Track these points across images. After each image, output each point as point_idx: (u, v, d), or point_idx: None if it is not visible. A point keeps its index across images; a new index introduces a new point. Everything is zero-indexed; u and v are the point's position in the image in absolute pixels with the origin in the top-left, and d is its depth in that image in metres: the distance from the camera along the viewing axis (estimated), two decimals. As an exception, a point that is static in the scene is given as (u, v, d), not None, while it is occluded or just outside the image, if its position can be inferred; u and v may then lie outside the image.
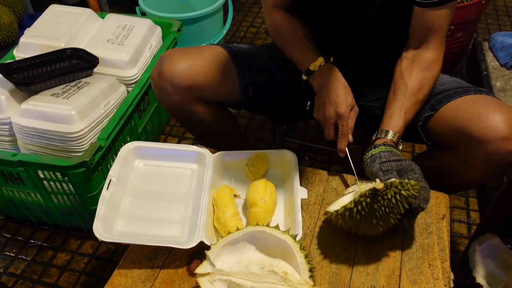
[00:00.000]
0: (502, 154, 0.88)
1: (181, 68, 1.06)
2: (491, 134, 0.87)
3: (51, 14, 1.59)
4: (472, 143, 0.91)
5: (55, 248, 1.42)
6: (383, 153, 0.92)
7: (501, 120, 0.88)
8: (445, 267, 0.88)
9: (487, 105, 0.92)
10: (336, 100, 0.99)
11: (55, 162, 1.17)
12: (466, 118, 0.92)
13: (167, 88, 1.08)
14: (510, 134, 0.87)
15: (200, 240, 0.88)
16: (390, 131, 0.97)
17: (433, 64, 1.00)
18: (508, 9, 2.48)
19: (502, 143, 0.87)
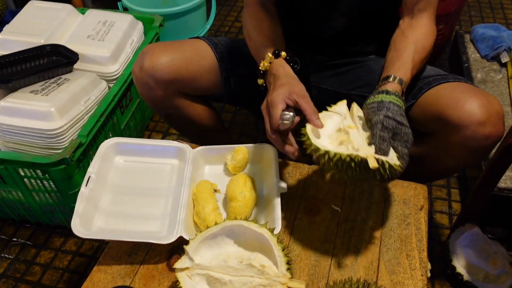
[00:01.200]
0: (478, 139, 0.90)
1: (163, 62, 1.06)
2: (467, 119, 0.89)
3: (30, 10, 1.57)
4: (449, 128, 0.92)
5: (38, 246, 1.41)
6: (392, 106, 0.84)
7: (477, 105, 0.89)
8: (422, 257, 0.89)
9: (464, 91, 0.93)
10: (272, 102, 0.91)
11: (35, 160, 1.16)
12: (444, 104, 0.93)
13: (149, 82, 1.08)
14: (486, 118, 0.89)
15: (179, 235, 0.88)
16: (402, 79, 0.90)
17: (432, 30, 0.99)
18: (490, 2, 2.50)
19: (478, 128, 0.89)
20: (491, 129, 0.89)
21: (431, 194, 1.51)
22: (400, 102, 0.86)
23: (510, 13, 2.40)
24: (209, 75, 1.12)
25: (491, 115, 0.89)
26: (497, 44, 1.64)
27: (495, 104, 0.91)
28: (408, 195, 1.01)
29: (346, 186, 1.03)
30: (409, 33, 0.98)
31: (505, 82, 1.57)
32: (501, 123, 0.91)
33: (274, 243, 0.79)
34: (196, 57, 1.11)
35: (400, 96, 0.87)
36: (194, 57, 1.10)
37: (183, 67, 1.08)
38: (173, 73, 1.07)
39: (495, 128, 0.90)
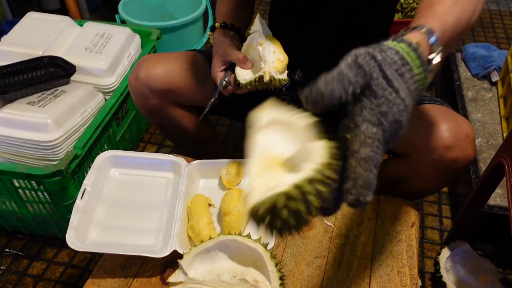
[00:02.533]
0: (445, 162, 0.91)
1: (158, 72, 1.08)
2: (434, 143, 0.90)
3: (28, 21, 1.59)
4: (419, 152, 0.93)
5: (31, 257, 1.40)
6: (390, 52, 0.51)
7: (444, 129, 0.90)
8: (413, 274, 0.90)
9: (434, 115, 0.94)
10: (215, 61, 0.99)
11: (30, 171, 1.17)
12: (412, 129, 0.91)
13: (144, 91, 1.10)
14: (452, 143, 0.89)
15: (173, 249, 0.88)
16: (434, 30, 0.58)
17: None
18: (482, 21, 2.56)
19: (445, 152, 0.90)
20: (458, 153, 0.90)
21: (422, 210, 1.53)
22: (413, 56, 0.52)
23: (500, 33, 2.45)
24: (203, 87, 1.14)
25: (458, 139, 0.90)
26: (488, 63, 1.68)
27: (464, 128, 0.91)
28: (399, 212, 1.02)
29: (339, 202, 1.05)
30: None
31: (495, 101, 1.60)
32: (470, 147, 0.91)
33: (268, 259, 0.80)
34: (191, 68, 1.13)
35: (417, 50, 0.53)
36: (189, 68, 1.12)
37: (178, 77, 1.10)
38: (168, 83, 1.09)
39: (463, 152, 0.90)
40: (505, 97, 1.57)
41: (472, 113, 1.55)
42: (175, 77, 1.10)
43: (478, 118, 1.53)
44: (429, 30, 0.58)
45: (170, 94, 1.11)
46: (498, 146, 1.24)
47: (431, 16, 0.61)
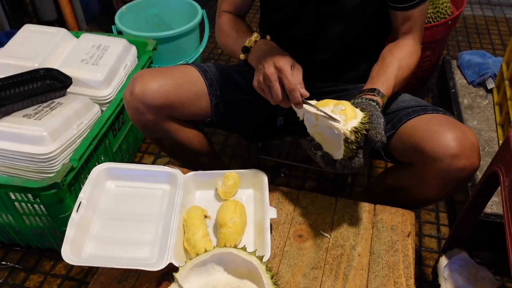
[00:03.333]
0: (453, 171, 0.92)
1: (153, 88, 1.08)
2: (442, 151, 0.91)
3: (25, 34, 1.59)
4: (425, 160, 0.94)
5: (28, 270, 1.40)
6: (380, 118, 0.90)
7: (451, 138, 0.91)
8: (409, 284, 0.90)
9: (440, 123, 0.95)
10: (274, 59, 0.94)
11: (26, 184, 1.17)
12: (420, 136, 0.95)
13: (139, 107, 1.09)
14: (459, 151, 0.90)
15: (169, 261, 0.88)
16: (385, 95, 0.97)
17: (416, 50, 1.07)
18: (478, 27, 2.57)
19: (452, 161, 0.90)
20: (465, 161, 0.91)
21: (420, 218, 1.52)
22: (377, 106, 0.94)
23: (496, 39, 2.47)
24: (198, 101, 1.15)
25: (465, 147, 0.91)
26: (483, 71, 1.69)
27: (470, 137, 0.93)
28: (395, 222, 1.02)
29: (335, 211, 1.05)
30: (395, 51, 1.05)
31: (491, 108, 1.61)
32: (476, 155, 0.93)
33: (263, 271, 0.80)
34: (186, 83, 1.13)
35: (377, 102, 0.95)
36: (184, 83, 1.12)
37: (173, 92, 1.10)
38: (163, 98, 1.09)
39: (469, 160, 0.91)
40: (500, 104, 1.57)
41: (468, 120, 1.56)
42: (170, 92, 1.10)
43: (474, 125, 1.54)
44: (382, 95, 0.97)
45: (165, 109, 1.10)
46: (494, 153, 1.24)
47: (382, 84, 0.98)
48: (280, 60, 0.93)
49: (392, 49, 1.06)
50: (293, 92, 0.91)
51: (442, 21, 1.66)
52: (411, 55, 1.05)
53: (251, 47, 1.04)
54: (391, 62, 1.02)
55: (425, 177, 0.96)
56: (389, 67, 1.01)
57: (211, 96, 1.15)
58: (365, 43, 1.12)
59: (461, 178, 0.93)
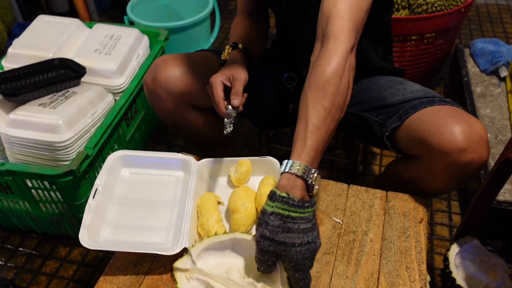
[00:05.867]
0: (460, 165, 0.90)
1: (176, 74, 1.09)
2: (448, 146, 0.89)
3: (39, 24, 1.61)
4: (432, 154, 0.93)
5: (44, 256, 1.43)
6: (273, 219, 0.73)
7: (458, 132, 0.89)
8: (421, 269, 0.91)
9: (446, 116, 0.93)
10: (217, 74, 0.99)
11: (42, 171, 1.19)
12: (426, 130, 0.93)
13: (161, 94, 1.10)
14: (466, 145, 0.88)
15: (184, 246, 0.90)
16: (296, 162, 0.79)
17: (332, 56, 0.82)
18: (490, 16, 2.54)
19: (459, 155, 0.89)
20: (473, 155, 0.89)
21: (431, 206, 1.53)
22: (287, 208, 0.73)
23: (509, 27, 2.44)
24: None
25: (473, 141, 0.89)
26: (496, 59, 1.67)
27: (477, 129, 0.90)
28: (408, 208, 1.03)
29: (347, 198, 1.06)
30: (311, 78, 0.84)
31: (504, 96, 1.59)
32: (484, 149, 0.91)
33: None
34: (208, 69, 1.13)
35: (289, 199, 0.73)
36: (204, 69, 1.13)
37: (195, 79, 1.11)
38: (185, 86, 1.09)
39: (477, 154, 0.89)
40: (514, 93, 1.56)
41: (481, 108, 1.55)
42: (193, 79, 1.10)
43: (486, 113, 1.53)
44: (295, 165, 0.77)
45: (187, 96, 1.11)
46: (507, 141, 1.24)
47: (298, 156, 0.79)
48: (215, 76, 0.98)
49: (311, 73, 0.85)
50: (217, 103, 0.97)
51: (455, 8, 1.64)
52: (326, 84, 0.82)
53: (226, 60, 1.07)
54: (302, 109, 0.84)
55: (433, 171, 0.95)
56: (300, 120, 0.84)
57: None
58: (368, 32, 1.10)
59: (469, 172, 0.92)
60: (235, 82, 0.99)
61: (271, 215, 0.73)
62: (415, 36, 1.65)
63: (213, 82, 0.98)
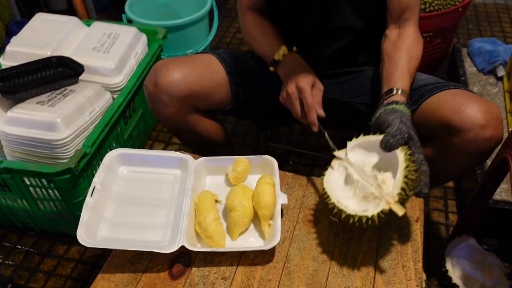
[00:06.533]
0: (480, 141, 0.94)
1: (177, 78, 1.07)
2: (470, 122, 0.94)
3: (37, 22, 1.61)
4: (453, 132, 0.96)
5: (42, 254, 1.43)
6: (405, 116, 0.90)
7: (478, 110, 0.94)
8: (417, 268, 0.91)
9: (466, 97, 0.98)
10: (297, 78, 1.03)
11: (40, 169, 1.19)
12: (447, 109, 0.98)
13: (163, 98, 1.08)
14: (487, 122, 0.93)
15: (181, 244, 0.90)
16: (405, 90, 0.98)
17: (418, 37, 1.07)
18: (488, 15, 2.55)
19: (480, 131, 0.93)
20: (492, 132, 0.94)
21: (428, 205, 1.53)
22: (409, 112, 0.93)
23: (507, 27, 2.44)
24: (220, 90, 1.15)
25: (492, 118, 0.94)
26: (493, 58, 1.68)
27: (494, 109, 0.96)
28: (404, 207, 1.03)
29: (344, 197, 1.06)
30: (400, 42, 1.05)
31: (501, 96, 1.60)
32: (501, 127, 0.96)
33: (401, 169, 0.85)
34: (209, 72, 1.13)
35: (407, 107, 0.94)
36: (206, 72, 1.12)
37: (197, 83, 1.10)
38: (187, 89, 1.08)
39: (496, 131, 0.95)
40: (510, 92, 1.57)
41: (478, 108, 1.55)
42: (195, 82, 1.09)
43: (483, 113, 1.53)
44: (402, 91, 0.97)
45: (189, 100, 1.10)
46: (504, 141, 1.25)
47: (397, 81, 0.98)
48: (302, 80, 1.02)
49: (396, 41, 1.06)
50: (309, 113, 1.02)
51: (452, 8, 1.65)
52: (416, 43, 1.06)
53: (279, 61, 1.09)
54: (399, 56, 1.02)
55: (451, 150, 0.99)
56: (399, 61, 1.02)
57: (232, 83, 1.16)
58: (375, 25, 1.12)
59: (487, 149, 0.96)
60: (317, 91, 1.03)
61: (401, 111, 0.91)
62: (413, 35, 1.65)
63: (302, 87, 1.01)
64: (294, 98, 1.03)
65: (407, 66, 1.01)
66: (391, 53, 1.05)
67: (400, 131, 0.86)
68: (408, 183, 0.84)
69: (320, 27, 1.12)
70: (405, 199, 0.85)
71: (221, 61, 1.16)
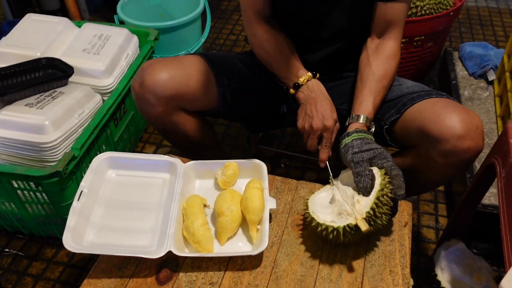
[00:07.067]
0: (458, 152, 0.93)
1: (163, 78, 1.08)
2: (447, 133, 0.93)
3: (27, 23, 1.60)
4: (431, 142, 0.96)
5: (30, 257, 1.42)
6: (355, 142, 0.95)
7: (457, 120, 0.93)
8: (405, 273, 0.91)
9: (445, 106, 0.98)
10: (324, 114, 1.03)
11: (28, 172, 1.18)
12: (425, 118, 0.97)
13: (149, 98, 1.09)
14: (465, 133, 0.92)
15: (168, 249, 0.90)
16: (362, 115, 1.01)
17: (395, 53, 1.08)
18: (481, 19, 2.56)
19: (458, 142, 0.92)
20: (470, 143, 0.93)
21: (418, 209, 1.53)
22: (362, 134, 0.97)
23: (499, 31, 2.45)
24: (207, 91, 1.15)
25: (470, 129, 0.93)
26: (484, 62, 1.69)
27: (474, 119, 0.95)
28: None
29: (333, 202, 1.06)
30: (373, 59, 1.07)
31: (491, 100, 1.61)
32: (480, 138, 0.95)
33: (375, 191, 0.88)
34: (195, 73, 1.13)
35: (361, 130, 0.98)
36: (193, 73, 1.13)
37: (184, 83, 1.10)
38: (173, 90, 1.09)
39: (474, 142, 0.94)
40: (501, 96, 1.57)
41: (468, 112, 1.56)
42: (181, 82, 1.10)
43: (474, 117, 1.54)
44: (364, 118, 1.02)
45: (175, 100, 1.11)
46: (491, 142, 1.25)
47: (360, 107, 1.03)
48: (329, 119, 1.03)
49: (370, 56, 1.08)
50: (325, 151, 1.04)
51: (444, 12, 1.65)
52: (391, 59, 1.07)
53: (302, 85, 1.09)
54: (367, 75, 1.06)
55: (431, 159, 0.98)
56: (366, 82, 1.05)
57: (219, 85, 1.16)
58: (365, 31, 1.12)
59: (466, 159, 0.95)
60: (336, 130, 1.06)
61: (352, 141, 0.96)
62: (404, 39, 1.66)
63: (329, 127, 1.03)
64: (317, 134, 1.04)
65: (373, 87, 1.04)
66: (362, 69, 1.08)
67: (359, 173, 0.91)
68: (378, 204, 0.88)
69: (313, 31, 1.12)
70: (375, 220, 0.88)
71: (208, 62, 1.16)
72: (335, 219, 0.91)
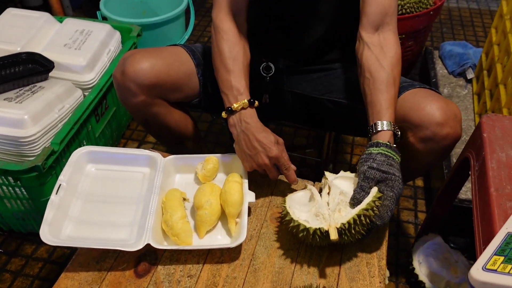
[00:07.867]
0: (437, 139, 0.97)
1: (144, 67, 1.08)
2: (427, 120, 0.96)
3: (7, 17, 1.58)
4: (411, 129, 0.99)
5: (9, 253, 1.41)
6: (379, 157, 0.90)
7: (436, 108, 0.97)
8: (381, 265, 0.93)
9: (426, 96, 1.01)
10: (264, 146, 0.99)
11: (6, 167, 1.17)
12: (407, 108, 1.00)
13: (130, 87, 1.09)
14: (444, 120, 0.96)
15: (147, 242, 0.90)
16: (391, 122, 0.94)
17: (398, 47, 1.02)
18: (462, 19, 2.60)
19: (437, 128, 0.96)
20: (449, 130, 0.97)
21: (398, 205, 1.56)
22: (390, 152, 0.91)
23: (480, 31, 2.50)
24: (188, 81, 1.15)
25: (449, 117, 0.97)
26: (463, 61, 1.72)
27: (453, 108, 0.99)
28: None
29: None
30: (382, 59, 0.99)
31: (470, 98, 1.64)
32: (459, 126, 0.99)
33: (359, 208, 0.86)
34: (177, 63, 1.13)
35: (392, 147, 0.92)
36: (174, 63, 1.13)
37: (165, 72, 1.10)
38: (155, 78, 1.08)
39: (453, 129, 0.97)
40: (479, 94, 1.60)
41: (447, 109, 1.58)
42: (162, 71, 1.10)
43: (453, 114, 1.56)
44: (388, 124, 0.93)
45: (157, 89, 1.10)
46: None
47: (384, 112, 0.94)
48: (272, 148, 0.99)
49: (379, 55, 0.99)
50: (289, 174, 1.02)
51: (424, 11, 1.68)
52: (398, 57, 1.01)
53: (235, 111, 1.03)
54: (384, 78, 0.97)
55: (411, 146, 1.01)
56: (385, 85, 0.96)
57: (200, 76, 1.16)
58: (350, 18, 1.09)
59: (445, 146, 0.99)
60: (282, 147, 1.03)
61: (377, 154, 0.91)
62: (386, 37, 1.68)
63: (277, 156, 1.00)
64: (270, 168, 1.01)
65: (393, 91, 0.96)
66: (374, 71, 0.98)
67: (362, 188, 0.89)
68: (357, 221, 0.86)
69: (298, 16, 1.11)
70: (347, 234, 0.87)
71: (189, 53, 1.16)
72: (309, 219, 0.91)
